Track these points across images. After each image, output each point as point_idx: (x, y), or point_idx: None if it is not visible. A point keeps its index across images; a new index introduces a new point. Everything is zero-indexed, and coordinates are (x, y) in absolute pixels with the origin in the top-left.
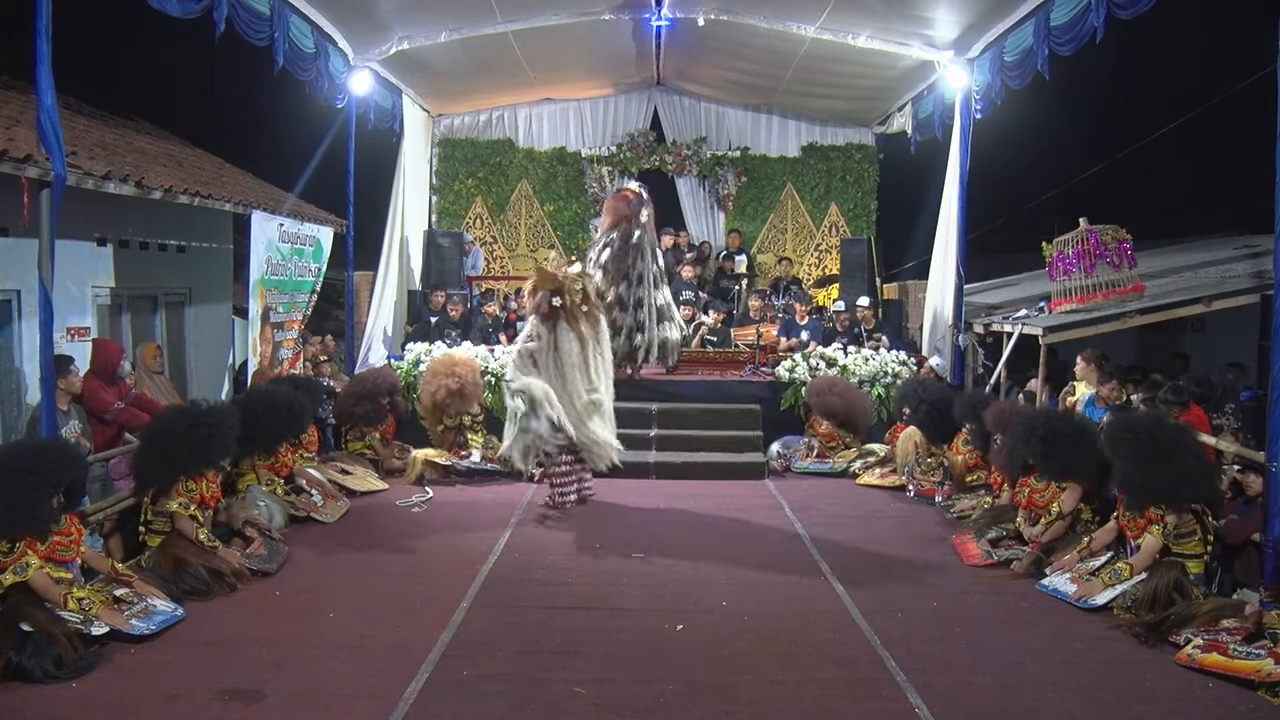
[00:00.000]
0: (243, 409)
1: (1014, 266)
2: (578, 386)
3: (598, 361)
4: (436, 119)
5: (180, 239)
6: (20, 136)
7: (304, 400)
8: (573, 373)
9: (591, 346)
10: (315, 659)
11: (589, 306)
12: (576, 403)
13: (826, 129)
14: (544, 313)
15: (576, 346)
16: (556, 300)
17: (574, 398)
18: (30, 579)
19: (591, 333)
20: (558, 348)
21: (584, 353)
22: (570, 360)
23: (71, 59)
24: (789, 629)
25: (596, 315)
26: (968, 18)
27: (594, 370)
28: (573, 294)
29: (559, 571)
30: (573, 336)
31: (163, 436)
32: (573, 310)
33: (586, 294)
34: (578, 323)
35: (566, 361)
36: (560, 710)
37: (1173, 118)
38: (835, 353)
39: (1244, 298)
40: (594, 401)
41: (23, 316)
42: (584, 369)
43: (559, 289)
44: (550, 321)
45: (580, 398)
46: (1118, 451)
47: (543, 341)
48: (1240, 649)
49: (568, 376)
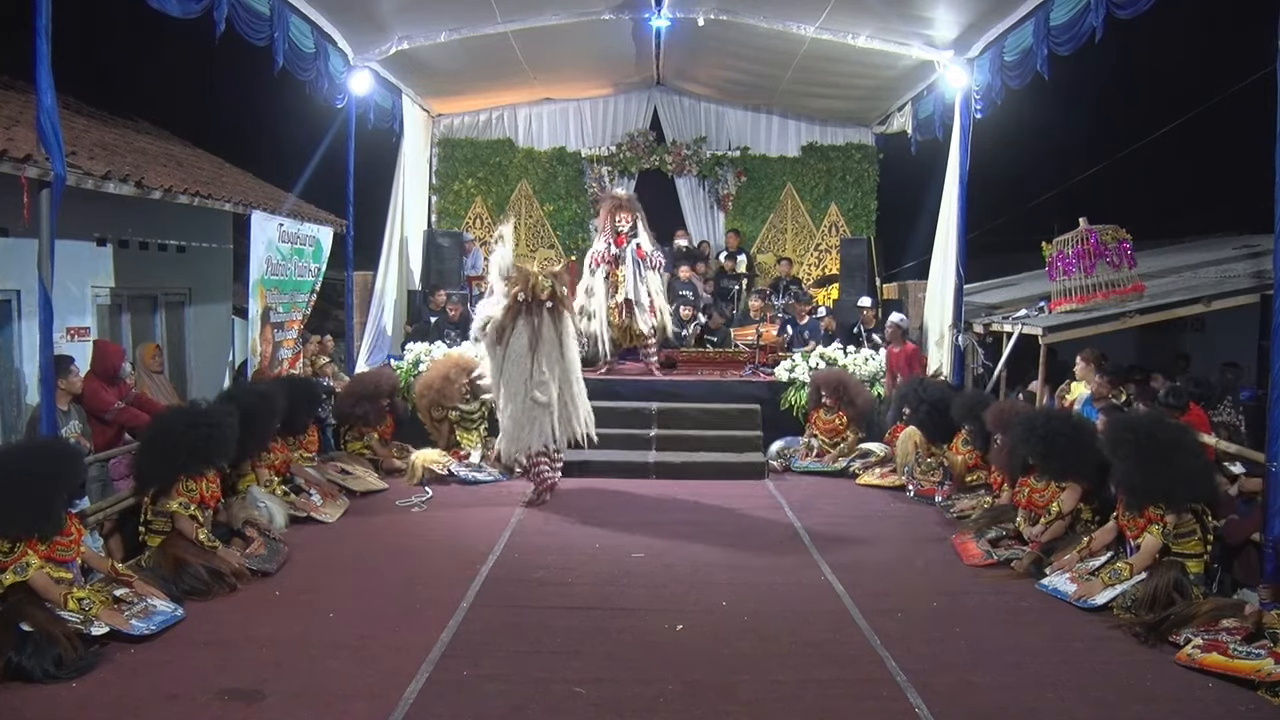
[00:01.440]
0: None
1: (1014, 266)
2: (518, 377)
3: (552, 357)
4: (436, 119)
5: (180, 239)
6: (20, 136)
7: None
8: (518, 364)
9: (546, 343)
10: (315, 659)
11: (555, 303)
12: (516, 394)
13: (826, 129)
14: (509, 305)
15: (525, 341)
16: (521, 296)
17: (515, 388)
18: (30, 579)
19: (551, 331)
20: (508, 340)
21: (533, 347)
22: (518, 352)
23: (71, 59)
24: (789, 629)
25: (561, 312)
26: (967, 18)
27: (544, 364)
28: (539, 291)
29: (559, 571)
30: (524, 331)
31: (163, 436)
32: (532, 306)
33: (555, 293)
34: (536, 318)
35: (513, 352)
36: (560, 710)
37: (1173, 118)
38: (835, 353)
39: (1244, 298)
40: (534, 396)
41: (23, 316)
42: (530, 361)
43: (528, 285)
44: (511, 314)
45: (519, 391)
46: (1117, 451)
47: (493, 330)
48: (1240, 649)
49: (511, 367)
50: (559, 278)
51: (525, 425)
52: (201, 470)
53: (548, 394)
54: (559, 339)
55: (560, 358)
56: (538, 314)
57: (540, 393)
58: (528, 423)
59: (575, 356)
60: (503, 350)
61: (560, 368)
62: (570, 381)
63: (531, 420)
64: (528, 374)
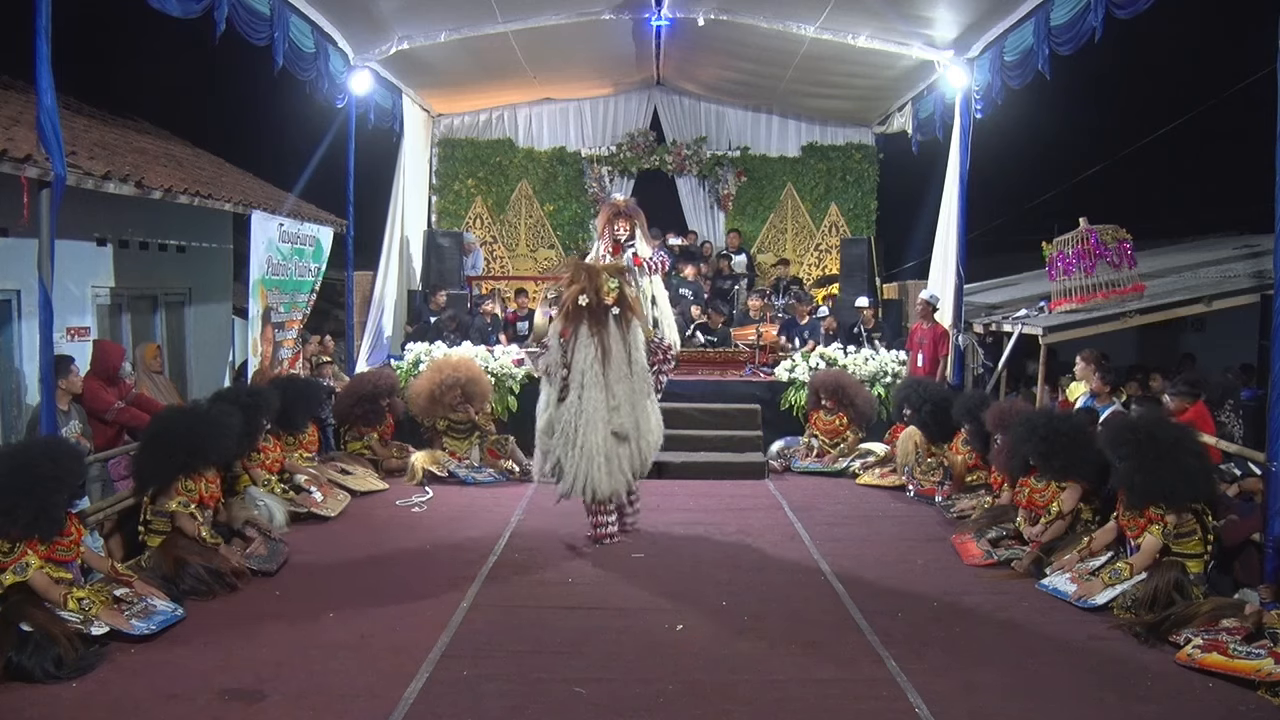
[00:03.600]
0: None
1: (1014, 266)
2: (590, 405)
3: (619, 374)
4: (436, 119)
5: (180, 239)
6: (20, 136)
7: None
8: (588, 388)
9: (615, 359)
10: (315, 659)
11: (623, 310)
12: (598, 427)
13: (826, 129)
14: (567, 313)
15: (591, 356)
16: (583, 299)
17: (595, 421)
18: (30, 579)
19: (620, 344)
20: (574, 361)
21: (604, 366)
22: (582, 372)
23: (71, 59)
24: (789, 629)
25: (630, 320)
26: (968, 17)
27: (614, 385)
28: (604, 292)
29: (559, 571)
30: (589, 345)
31: (162, 436)
32: (598, 313)
33: (623, 295)
34: (602, 329)
35: (579, 374)
36: (560, 710)
37: (1173, 118)
38: (835, 352)
39: (1244, 298)
40: (618, 425)
41: (23, 316)
42: (603, 383)
43: (589, 285)
44: (573, 325)
45: (600, 420)
46: (1118, 451)
47: (556, 351)
48: (1240, 649)
49: (578, 393)
50: (626, 276)
51: (598, 464)
52: (201, 470)
53: (625, 424)
54: (627, 353)
55: (629, 374)
56: (603, 322)
57: (618, 424)
58: (603, 461)
59: (646, 372)
60: (564, 371)
61: (627, 386)
62: (641, 405)
63: (609, 459)
64: (602, 401)
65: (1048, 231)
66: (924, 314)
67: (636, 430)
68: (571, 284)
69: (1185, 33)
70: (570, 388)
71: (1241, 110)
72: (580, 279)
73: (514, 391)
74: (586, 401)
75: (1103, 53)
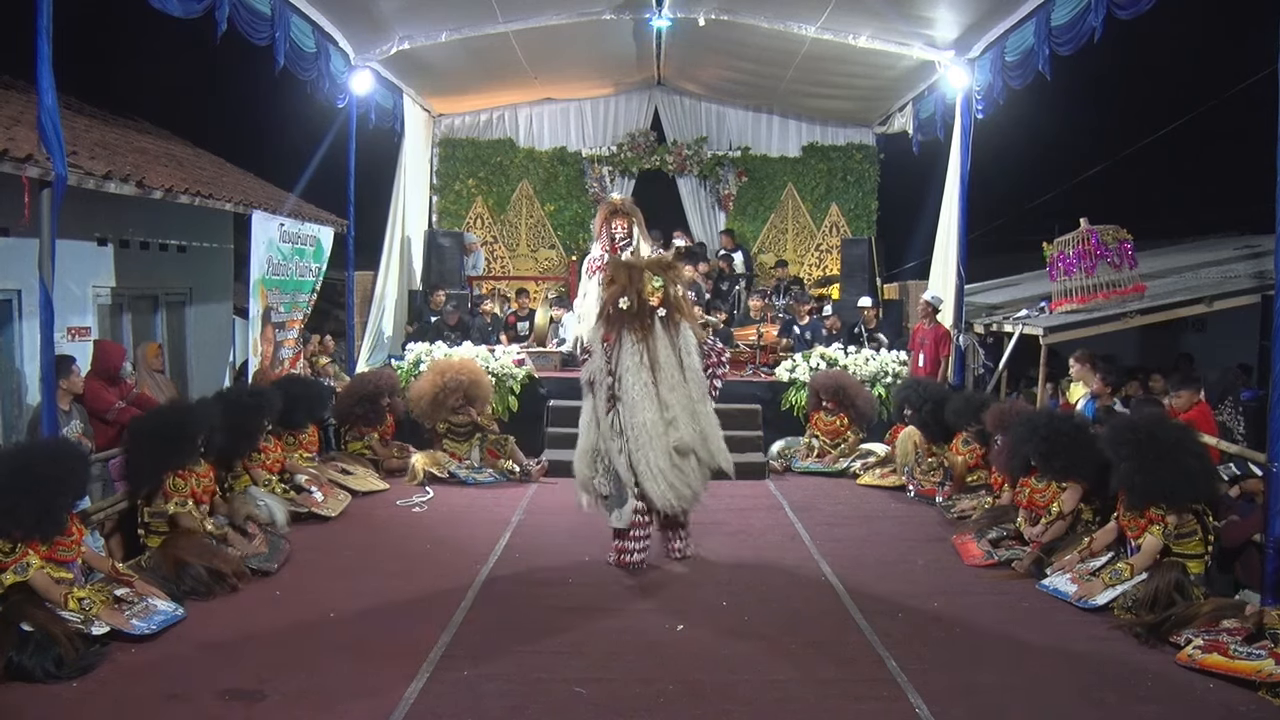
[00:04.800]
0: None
1: (1015, 266)
2: (649, 418)
3: (672, 381)
4: (437, 119)
5: (181, 239)
6: (21, 136)
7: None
8: (640, 400)
9: (666, 366)
10: (315, 659)
11: (669, 311)
12: (654, 444)
13: (827, 129)
14: (608, 317)
15: (639, 361)
16: (624, 302)
17: (649, 436)
18: (31, 579)
19: (668, 348)
20: (619, 370)
21: (654, 377)
22: (632, 382)
23: (72, 59)
24: (789, 629)
25: (677, 320)
26: (968, 18)
27: (666, 395)
28: (649, 293)
29: (559, 571)
30: (636, 351)
31: (141, 438)
32: (643, 315)
33: (668, 294)
34: (649, 335)
35: (629, 382)
36: (560, 710)
37: (1173, 118)
38: (835, 353)
39: (1244, 298)
40: (677, 440)
41: (23, 316)
42: (654, 392)
43: (631, 286)
44: (615, 329)
45: (657, 436)
46: (1119, 451)
47: (599, 357)
48: (1241, 649)
49: (636, 409)
50: (672, 273)
51: (661, 486)
52: (187, 465)
53: (685, 437)
54: (679, 358)
55: (683, 380)
56: (649, 327)
57: (678, 439)
58: (666, 482)
59: (701, 376)
60: (612, 380)
61: (682, 394)
62: (701, 412)
63: (671, 478)
64: (656, 417)
65: (1048, 232)
66: (926, 315)
67: (702, 440)
68: (611, 284)
69: (1186, 33)
70: (616, 402)
71: (1242, 110)
72: (621, 278)
73: (514, 391)
74: (638, 421)
75: (1103, 53)
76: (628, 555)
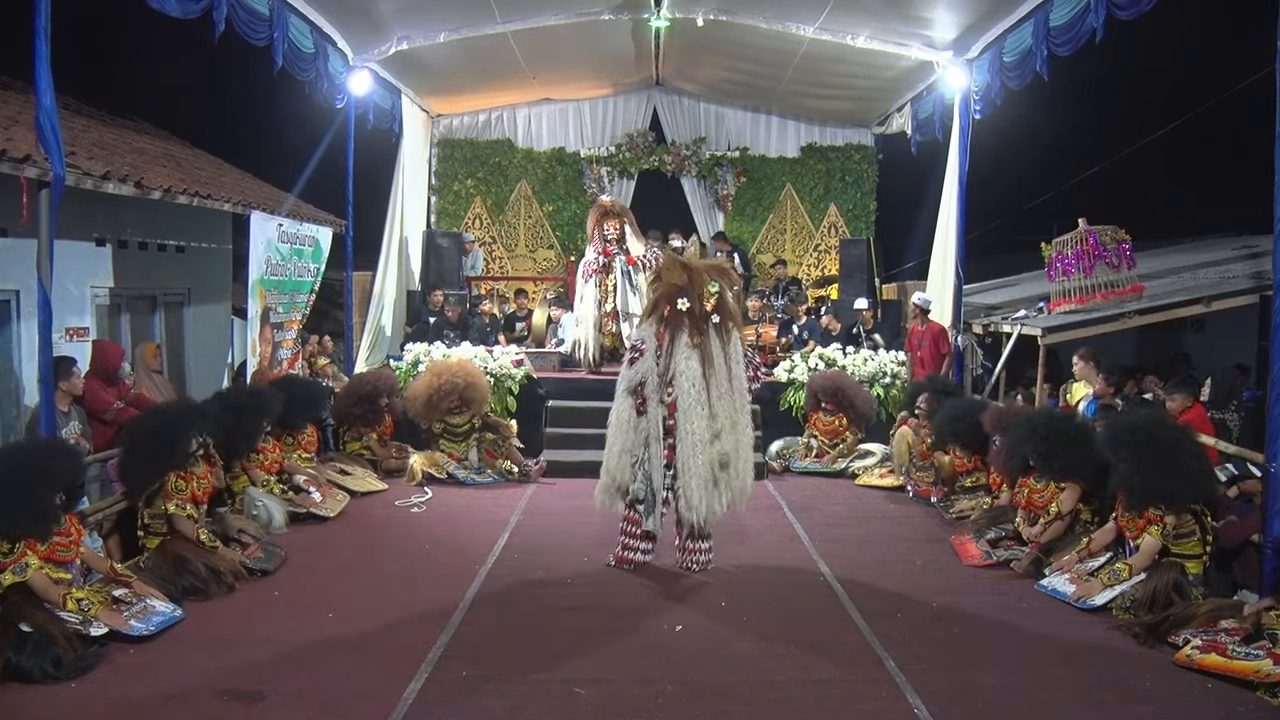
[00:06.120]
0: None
1: (1013, 267)
2: (698, 425)
3: (720, 391)
4: (436, 119)
5: (179, 239)
6: (19, 136)
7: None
8: (692, 415)
9: (719, 374)
10: (315, 659)
11: (723, 318)
12: (699, 453)
13: (826, 129)
14: (663, 316)
15: (692, 365)
16: (683, 303)
17: (698, 443)
18: (29, 579)
19: (720, 355)
20: (672, 372)
21: (707, 384)
22: (684, 387)
23: (71, 59)
24: (789, 629)
25: (729, 329)
26: (967, 18)
27: (715, 404)
28: (705, 297)
29: (559, 571)
30: (689, 355)
31: (137, 440)
32: (699, 320)
33: (723, 300)
34: (705, 340)
35: (684, 385)
36: (560, 710)
37: (1173, 118)
38: (835, 353)
39: (1243, 298)
40: (720, 452)
41: (22, 317)
42: (707, 400)
43: (690, 288)
44: (671, 331)
45: (703, 445)
46: (1118, 452)
47: (650, 358)
48: (1239, 649)
49: (689, 415)
50: (727, 279)
51: (702, 493)
52: (184, 467)
53: (727, 448)
54: (729, 367)
55: (730, 390)
56: (705, 331)
57: (722, 451)
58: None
59: (744, 389)
60: (660, 383)
61: (729, 404)
62: (742, 426)
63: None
64: (705, 424)
65: (1047, 232)
66: (916, 317)
67: (737, 454)
68: (668, 283)
69: (1185, 33)
70: (662, 406)
71: (1241, 111)
72: (678, 279)
73: (513, 392)
74: (689, 428)
75: (1102, 54)
76: (631, 554)
